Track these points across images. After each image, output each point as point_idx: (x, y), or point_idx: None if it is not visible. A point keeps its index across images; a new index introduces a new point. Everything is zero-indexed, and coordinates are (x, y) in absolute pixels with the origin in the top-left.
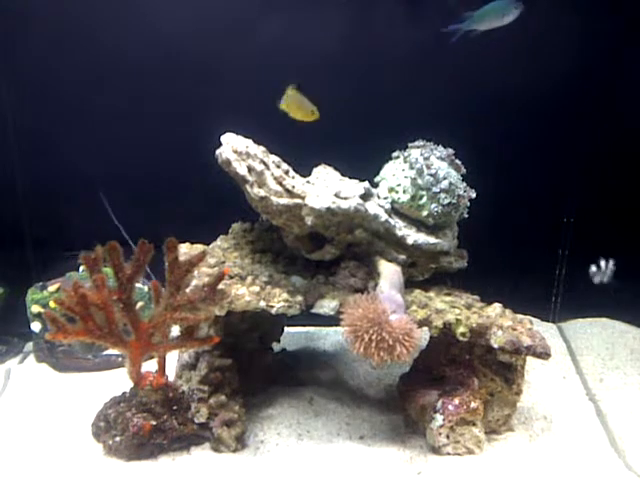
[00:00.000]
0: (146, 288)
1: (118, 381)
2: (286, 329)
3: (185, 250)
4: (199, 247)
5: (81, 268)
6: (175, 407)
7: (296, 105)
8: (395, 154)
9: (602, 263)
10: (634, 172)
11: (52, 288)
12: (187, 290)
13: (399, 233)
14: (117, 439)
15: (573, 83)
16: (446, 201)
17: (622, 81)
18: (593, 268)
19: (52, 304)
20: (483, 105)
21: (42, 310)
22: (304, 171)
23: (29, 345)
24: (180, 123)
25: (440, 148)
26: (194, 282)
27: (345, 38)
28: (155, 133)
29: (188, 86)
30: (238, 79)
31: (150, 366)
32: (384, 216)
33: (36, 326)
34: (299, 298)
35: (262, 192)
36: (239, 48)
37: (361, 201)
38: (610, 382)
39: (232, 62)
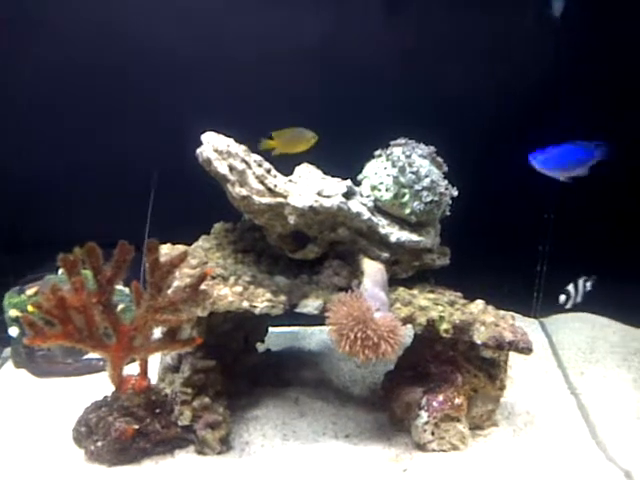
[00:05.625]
0: (127, 290)
1: (99, 385)
2: (270, 329)
3: (166, 251)
4: (180, 248)
5: (60, 271)
6: (158, 410)
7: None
8: (377, 152)
9: None
10: (614, 168)
11: (30, 292)
12: (169, 291)
13: (382, 231)
14: (99, 444)
15: (553, 79)
16: (428, 199)
17: (602, 78)
18: None
19: (30, 308)
20: (464, 103)
21: (20, 314)
22: (286, 170)
23: (7, 350)
24: (161, 121)
25: (422, 146)
26: (176, 283)
27: (328, 37)
28: (135, 132)
29: (171, 85)
30: (220, 78)
31: (132, 369)
32: (367, 214)
33: (14, 331)
34: (282, 298)
35: (244, 191)
36: (223, 46)
37: (344, 199)
38: (591, 376)
39: (215, 61)
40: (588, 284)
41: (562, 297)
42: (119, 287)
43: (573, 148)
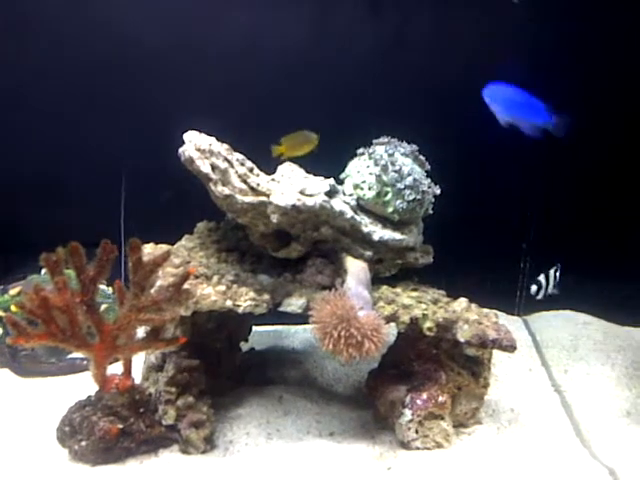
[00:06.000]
0: (110, 290)
1: (83, 385)
2: (254, 328)
3: (149, 250)
4: (163, 247)
5: (43, 270)
6: (142, 410)
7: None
8: (360, 151)
9: None
10: (596, 166)
11: (13, 292)
12: (152, 291)
13: (365, 229)
14: (83, 444)
15: (535, 80)
16: (411, 197)
17: (585, 79)
18: None
19: (13, 308)
20: (447, 101)
21: (3, 314)
22: (269, 169)
23: None
24: (144, 120)
25: (404, 144)
26: (159, 282)
27: (310, 37)
28: (117, 131)
29: (153, 84)
30: (204, 77)
31: (116, 369)
32: (350, 213)
33: None
34: (266, 297)
35: (226, 190)
36: (207, 45)
37: (326, 198)
38: (574, 373)
39: (198, 60)
40: (558, 274)
41: (533, 287)
42: (101, 287)
43: (530, 99)
